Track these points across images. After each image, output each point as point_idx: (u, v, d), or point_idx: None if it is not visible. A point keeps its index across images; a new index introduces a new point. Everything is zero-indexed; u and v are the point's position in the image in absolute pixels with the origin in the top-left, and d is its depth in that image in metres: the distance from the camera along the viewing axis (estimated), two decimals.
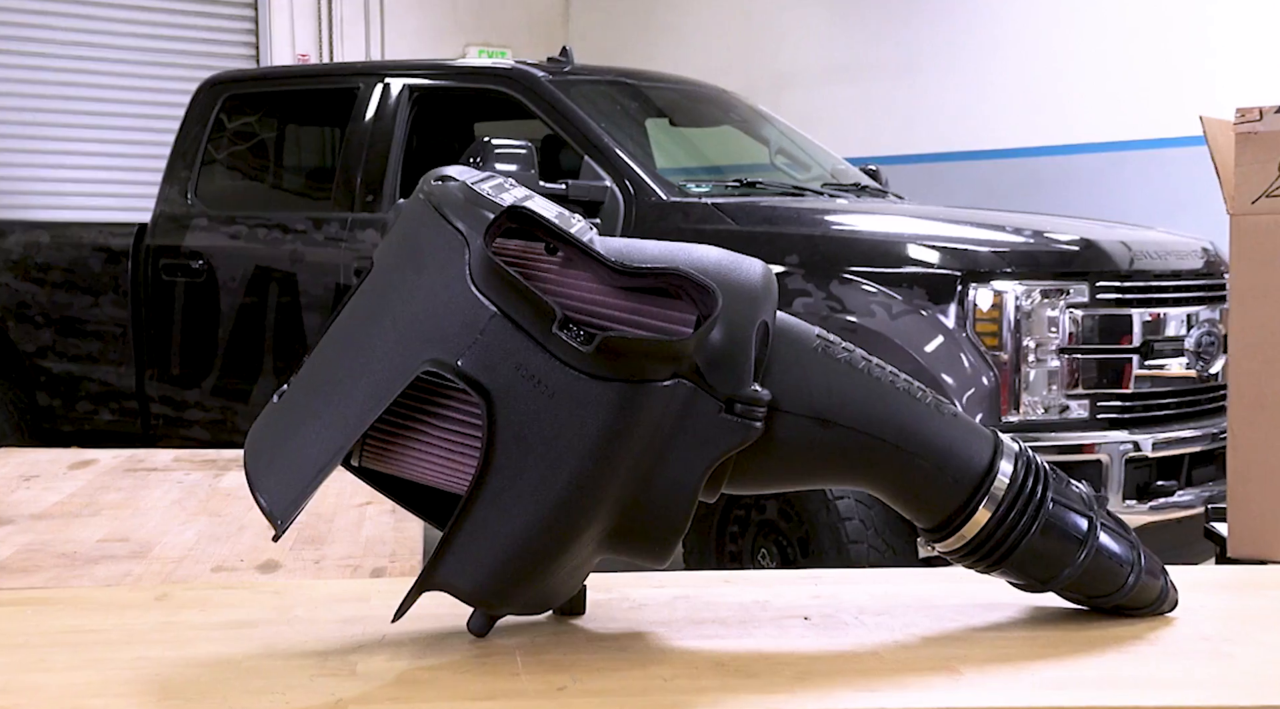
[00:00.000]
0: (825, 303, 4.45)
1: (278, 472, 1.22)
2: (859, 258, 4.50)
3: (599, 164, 4.93)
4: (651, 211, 4.83)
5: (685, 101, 6.05)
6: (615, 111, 5.43)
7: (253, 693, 1.10)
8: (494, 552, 1.19)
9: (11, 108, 8.39)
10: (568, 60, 5.56)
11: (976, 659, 1.21)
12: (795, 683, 1.15)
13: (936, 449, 1.28)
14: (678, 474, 1.22)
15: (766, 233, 4.66)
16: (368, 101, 5.56)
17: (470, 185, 1.21)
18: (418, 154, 5.64)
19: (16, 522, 1.94)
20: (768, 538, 4.56)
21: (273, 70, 6.63)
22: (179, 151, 6.01)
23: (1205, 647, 1.25)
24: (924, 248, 4.51)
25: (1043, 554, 1.29)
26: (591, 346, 1.14)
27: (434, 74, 5.63)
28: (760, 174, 5.79)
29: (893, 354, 4.43)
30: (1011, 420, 4.44)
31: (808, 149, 6.16)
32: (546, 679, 1.15)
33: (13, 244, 6.16)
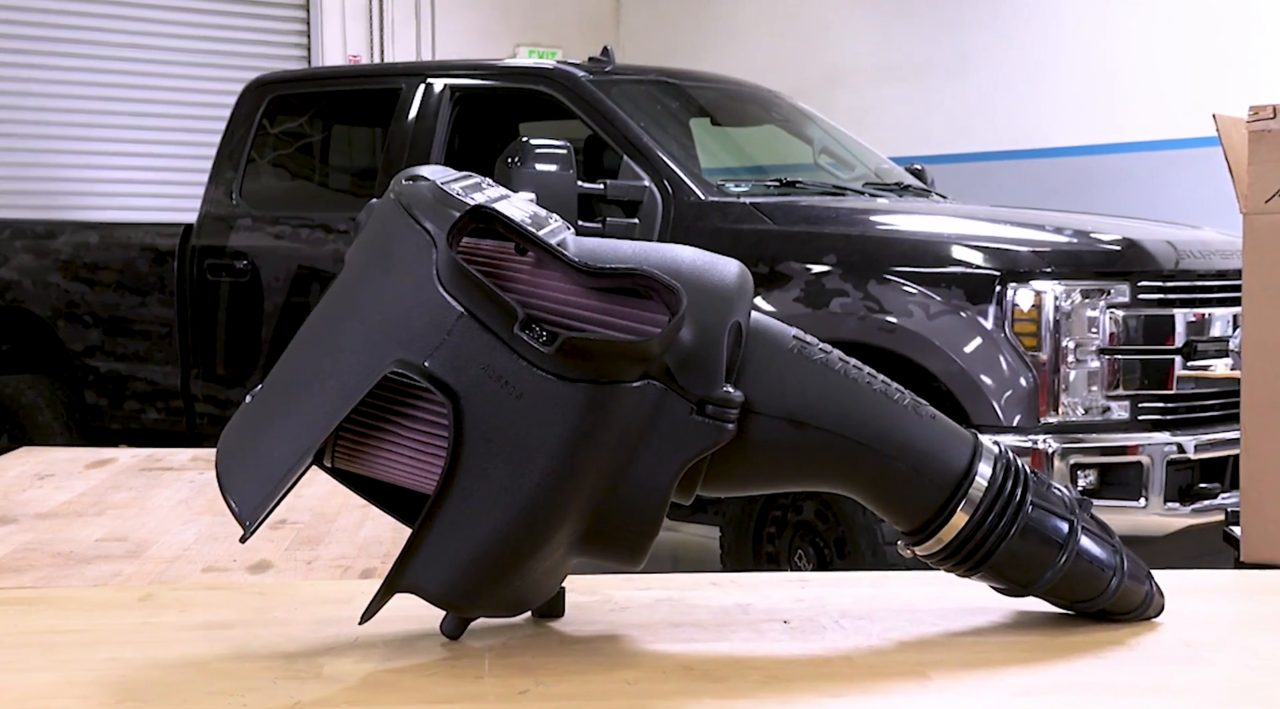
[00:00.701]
0: (863, 303, 4.42)
1: (248, 472, 1.22)
2: (897, 258, 4.47)
3: (638, 164, 4.92)
4: (690, 211, 4.82)
5: (728, 101, 6.03)
6: (656, 111, 5.42)
7: (213, 695, 1.10)
8: (462, 554, 1.18)
9: (65, 109, 8.46)
10: (609, 60, 5.55)
11: (949, 664, 1.20)
12: (760, 687, 1.14)
13: (913, 451, 1.26)
14: (649, 476, 1.21)
15: (805, 232, 4.64)
16: (410, 102, 5.57)
17: (440, 185, 1.20)
18: (460, 154, 5.65)
19: (20, 521, 1.96)
20: (804, 539, 4.55)
21: (317, 71, 6.67)
22: (224, 152, 6.04)
23: (1186, 653, 1.23)
24: (962, 248, 4.48)
25: (1022, 558, 1.27)
26: (553, 347, 1.13)
27: (475, 74, 5.64)
28: (803, 173, 5.77)
29: (931, 354, 4.41)
30: (1050, 421, 4.40)
31: (852, 148, 6.13)
32: (510, 683, 1.14)
33: (62, 245, 6.21)
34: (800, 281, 4.52)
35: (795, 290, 4.53)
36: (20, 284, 6.28)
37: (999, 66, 9.09)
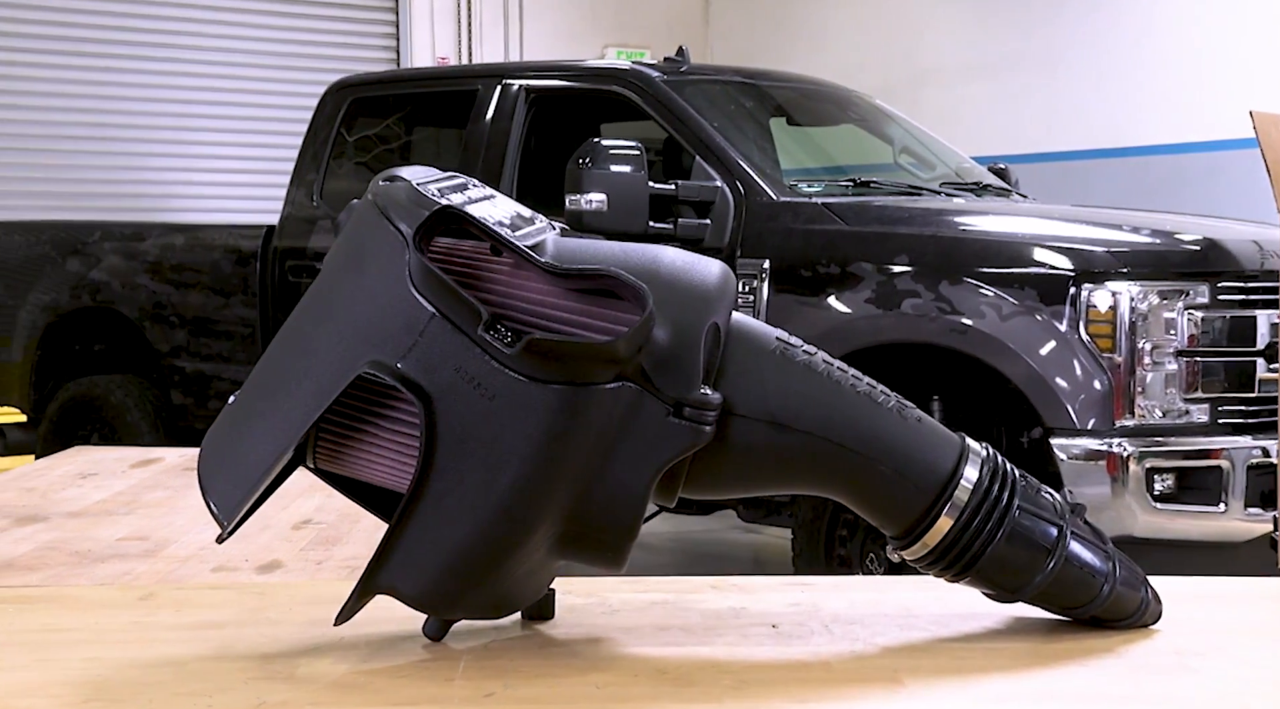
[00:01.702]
0: (935, 304, 4.38)
1: (227, 474, 1.23)
2: (970, 258, 4.42)
3: (710, 164, 4.91)
4: (762, 211, 4.79)
5: (805, 100, 6.00)
6: (730, 111, 5.40)
7: (182, 695, 1.11)
8: (437, 556, 1.18)
9: (157, 113, 8.59)
10: (684, 60, 5.54)
11: (926, 670, 1.18)
12: (729, 692, 1.13)
13: (896, 454, 1.25)
14: (625, 478, 1.20)
15: (877, 233, 4.60)
16: (487, 103, 5.60)
17: (415, 186, 1.20)
18: (536, 155, 5.67)
19: (50, 519, 1.99)
20: (876, 542, 4.51)
21: (396, 73, 6.71)
22: (306, 154, 6.10)
23: (1174, 661, 1.20)
24: (1037, 248, 4.42)
25: (1009, 563, 1.25)
26: (517, 348, 1.12)
27: (551, 75, 5.66)
28: (882, 173, 5.72)
29: (1004, 356, 4.35)
30: (1126, 424, 4.33)
31: (932, 147, 6.08)
32: (480, 685, 1.14)
33: (150, 246, 6.30)
34: (871, 282, 4.49)
35: (866, 291, 4.49)
36: (110, 285, 6.37)
37: (1090, 63, 8.97)
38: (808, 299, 4.61)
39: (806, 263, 4.63)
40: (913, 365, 4.69)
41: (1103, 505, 4.27)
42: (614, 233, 4.73)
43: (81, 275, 6.41)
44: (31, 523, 1.97)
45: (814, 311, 4.59)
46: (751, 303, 4.67)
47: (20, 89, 8.22)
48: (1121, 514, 4.26)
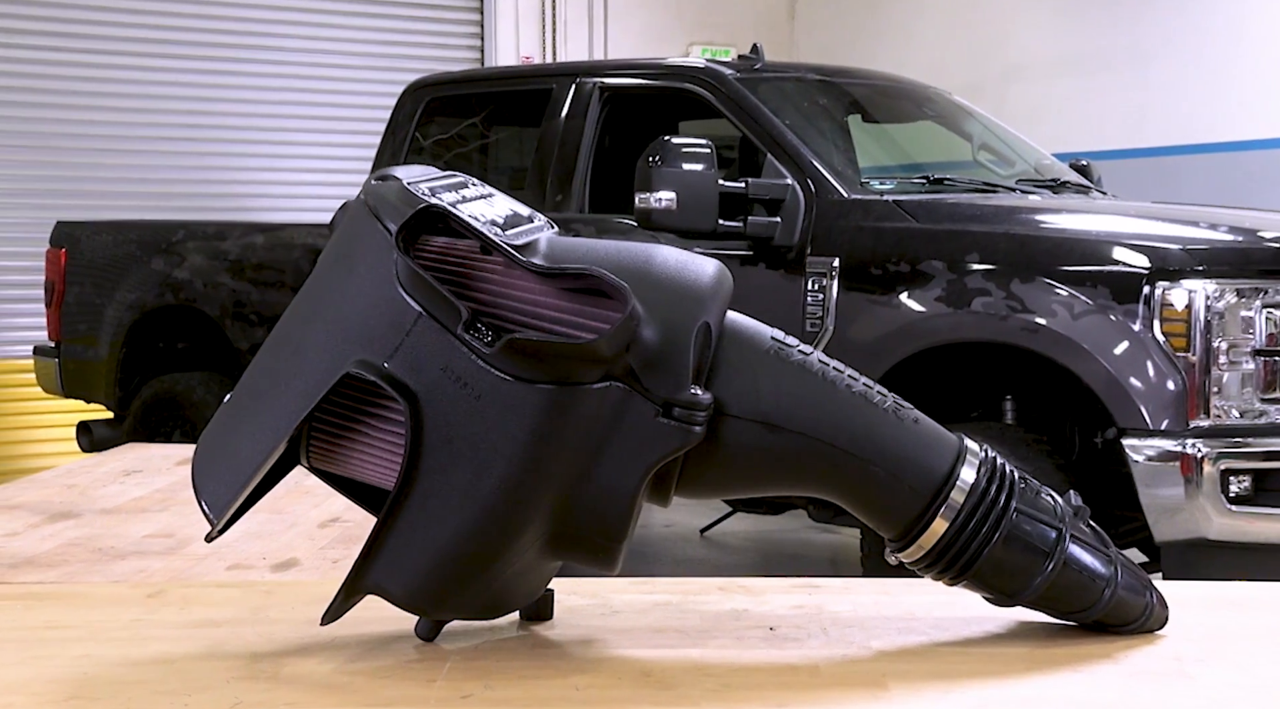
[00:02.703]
0: (1006, 303, 4.32)
1: (218, 473, 1.23)
2: (1042, 256, 4.35)
3: (781, 161, 4.88)
4: (832, 209, 4.76)
5: (881, 97, 5.94)
6: (804, 108, 5.37)
7: (161, 694, 1.11)
8: (424, 556, 1.18)
9: (243, 113, 8.66)
10: (758, 57, 5.51)
11: (914, 675, 1.16)
12: (709, 695, 1.12)
13: (891, 456, 1.23)
14: (614, 479, 1.19)
15: (948, 231, 4.55)
16: (561, 101, 5.60)
17: (406, 185, 1.20)
18: (610, 153, 5.67)
19: (82, 516, 2.01)
20: None
21: (473, 72, 6.73)
22: (384, 153, 6.13)
23: (1171, 668, 1.18)
24: (1110, 245, 4.34)
25: (1006, 566, 1.23)
26: (496, 348, 1.12)
27: (625, 73, 5.65)
28: (961, 170, 5.67)
29: (1075, 355, 4.29)
30: (1201, 425, 4.24)
31: (1012, 143, 6.00)
32: (459, 687, 1.14)
33: (231, 246, 6.36)
34: (942, 281, 4.44)
35: (937, 289, 4.44)
36: (193, 284, 6.44)
37: (1181, 57, 8.83)
38: (878, 297, 4.57)
39: (877, 261, 4.60)
40: (985, 365, 4.64)
41: (1177, 507, 4.20)
42: (683, 231, 4.73)
43: (165, 274, 6.48)
44: (63, 519, 2.00)
45: (884, 310, 4.55)
46: (821, 301, 4.64)
47: (109, 92, 8.34)
48: (1196, 517, 4.19)
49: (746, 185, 4.78)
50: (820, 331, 4.64)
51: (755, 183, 4.80)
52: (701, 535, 6.78)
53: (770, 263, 4.81)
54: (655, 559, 6.62)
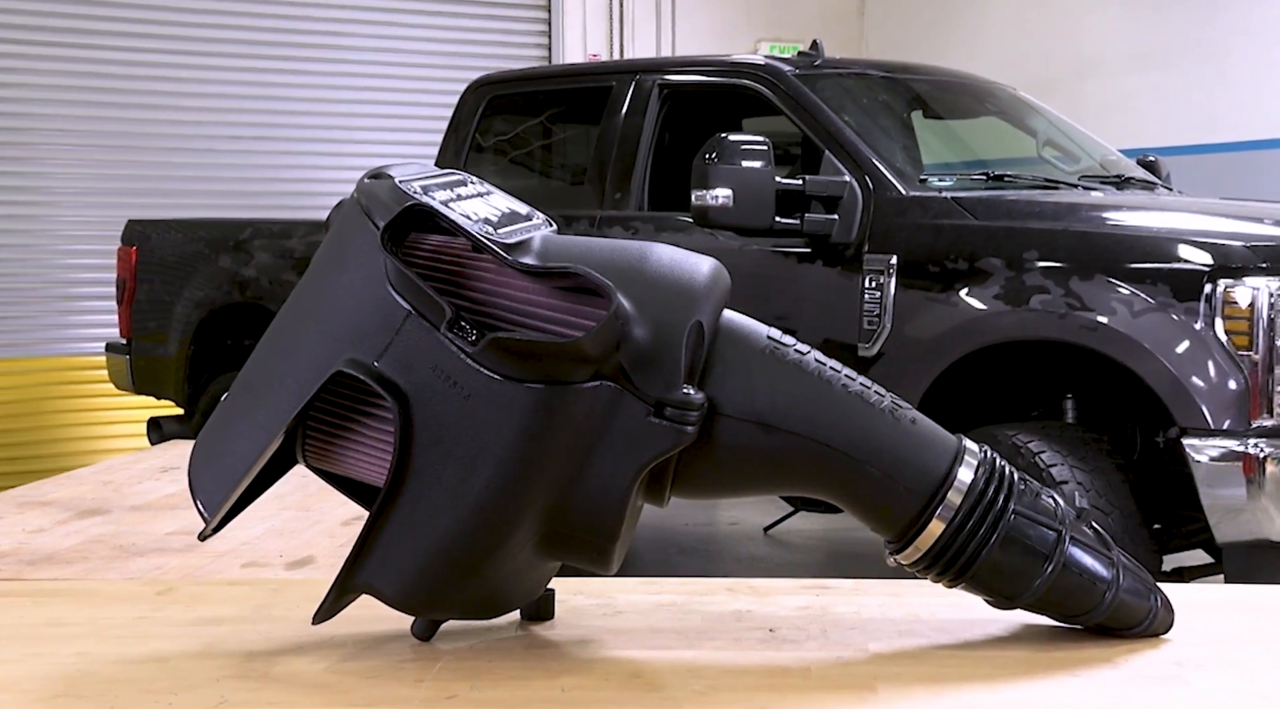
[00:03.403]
0: (1064, 300, 4.27)
1: (213, 471, 1.24)
2: (1101, 253, 4.30)
3: (839, 158, 4.85)
4: (890, 206, 4.72)
5: (943, 93, 5.89)
6: (863, 105, 5.33)
7: (148, 693, 1.12)
8: (416, 556, 1.18)
9: (309, 113, 8.72)
10: (818, 54, 5.47)
11: (906, 678, 1.15)
12: (694, 697, 1.11)
13: (887, 456, 1.21)
14: (605, 479, 1.18)
15: (1006, 228, 4.50)
16: (621, 99, 5.59)
17: (398, 183, 1.20)
18: (670, 151, 5.65)
19: (111, 512, 2.03)
20: None
21: (534, 70, 6.72)
22: (445, 152, 6.15)
23: (1169, 673, 1.16)
24: (1171, 242, 4.28)
25: (1005, 568, 1.22)
26: (479, 347, 1.12)
27: (684, 70, 5.64)
28: (1025, 166, 5.61)
29: (1135, 354, 4.23)
30: (1264, 424, 4.17)
31: (1077, 139, 5.93)
32: (446, 687, 1.14)
33: (296, 244, 6.40)
34: (1000, 278, 4.39)
35: (995, 287, 4.40)
36: (259, 281, 6.49)
37: (1256, 51, 8.70)
38: (935, 295, 4.53)
39: (934, 258, 4.56)
40: (1044, 364, 4.59)
41: (1239, 508, 4.14)
42: (740, 228, 4.71)
43: (233, 272, 6.54)
44: (91, 516, 2.01)
45: (941, 307, 4.51)
46: (878, 299, 4.61)
47: (180, 92, 8.42)
48: (1258, 517, 4.12)
49: (804, 182, 4.76)
50: (877, 329, 4.61)
51: (812, 180, 4.78)
52: (765, 533, 6.76)
53: (828, 260, 4.79)
54: (719, 557, 6.61)
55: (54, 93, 8.11)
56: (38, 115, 8.09)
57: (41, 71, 8.07)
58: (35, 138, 8.09)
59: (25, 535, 1.86)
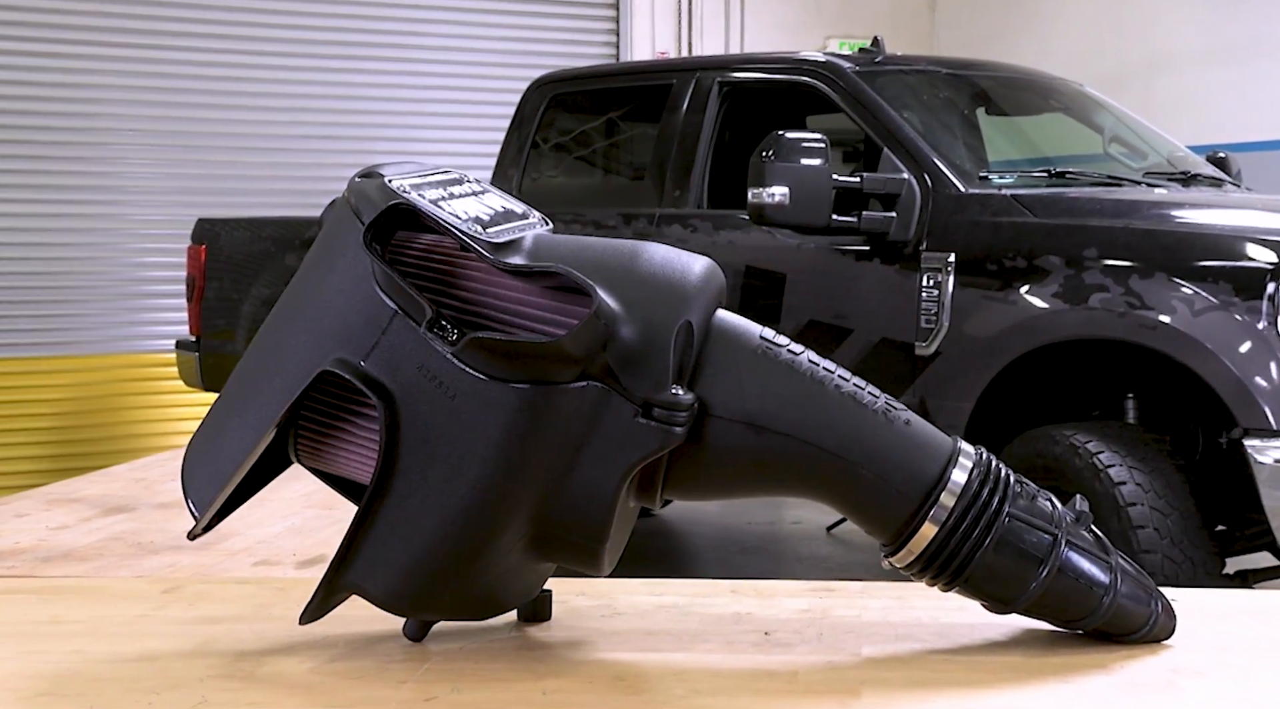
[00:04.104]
0: (1124, 299, 4.21)
1: (204, 469, 1.24)
2: (1161, 251, 4.23)
3: (898, 155, 4.81)
4: (949, 204, 4.68)
5: (1007, 89, 5.83)
6: (924, 102, 5.29)
7: (132, 692, 1.12)
8: (402, 556, 1.18)
9: (379, 111, 8.76)
10: (879, 50, 5.44)
11: (893, 683, 1.13)
12: (676, 701, 1.10)
13: (879, 458, 1.20)
14: (593, 479, 1.17)
15: (1065, 225, 4.45)
16: (681, 97, 5.58)
17: (386, 182, 1.19)
18: (730, 148, 5.63)
19: (136, 510, 2.04)
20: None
21: (595, 69, 6.71)
22: (507, 150, 6.16)
23: (1164, 679, 1.13)
24: (1233, 240, 4.21)
25: (999, 572, 1.20)
26: (458, 346, 1.11)
27: (744, 68, 5.61)
28: (1092, 163, 5.54)
29: (1196, 354, 4.17)
30: None
31: (1145, 135, 5.86)
32: (427, 688, 1.13)
33: None
34: (1059, 276, 4.34)
35: (1053, 285, 4.35)
36: None
37: None
38: (993, 293, 4.48)
39: (992, 256, 4.51)
40: (1105, 363, 4.54)
41: None
42: (796, 226, 4.69)
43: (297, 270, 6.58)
44: (116, 513, 2.03)
45: (1000, 306, 4.46)
46: (936, 297, 4.57)
47: (248, 91, 8.49)
48: None
49: (861, 180, 4.73)
50: (935, 328, 4.57)
51: (870, 177, 4.74)
52: (828, 533, 6.73)
53: (885, 258, 4.75)
54: (781, 556, 6.59)
55: (126, 93, 8.20)
56: (110, 115, 8.18)
57: (114, 72, 8.16)
58: (108, 138, 8.18)
59: (48, 532, 1.88)
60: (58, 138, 8.06)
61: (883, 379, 4.66)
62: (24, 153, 8.02)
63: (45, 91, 8.05)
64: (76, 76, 8.10)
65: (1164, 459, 4.20)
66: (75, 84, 8.10)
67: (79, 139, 8.12)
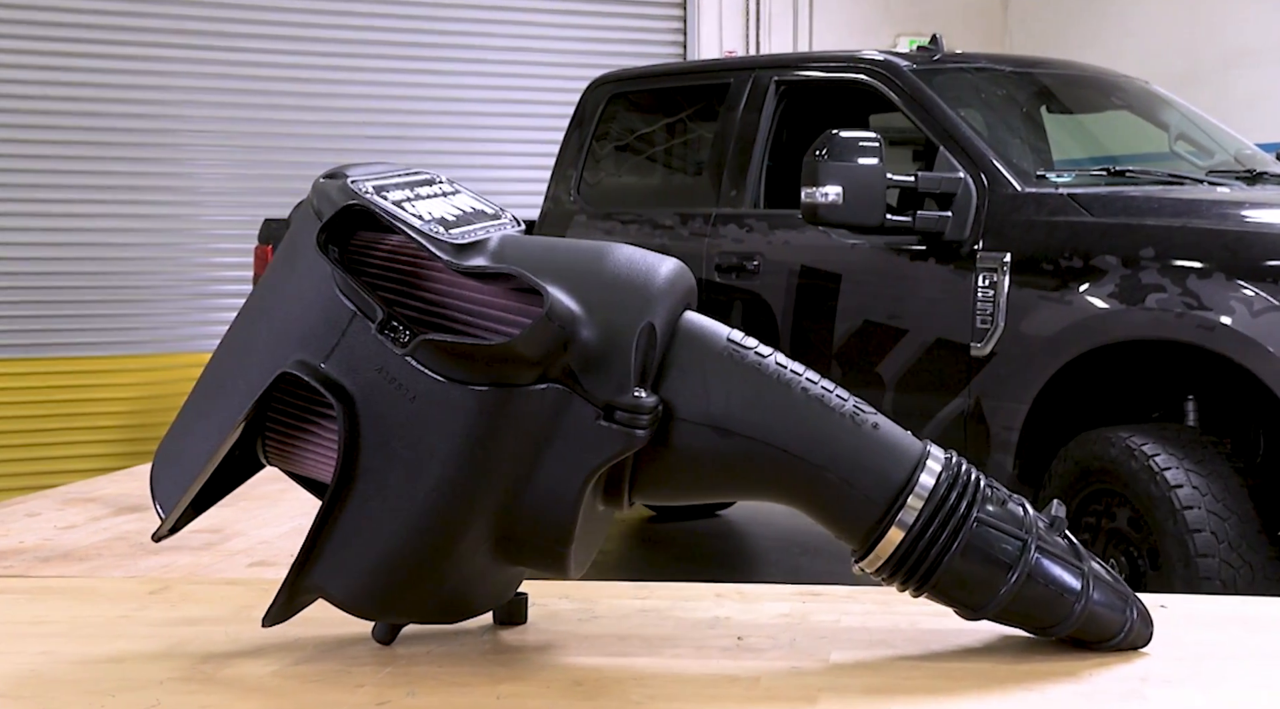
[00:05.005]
0: (1181, 299, 4.14)
1: (170, 472, 1.24)
2: (1220, 250, 4.16)
3: (954, 154, 4.77)
4: (1005, 203, 4.63)
5: (1069, 87, 5.77)
6: (982, 100, 5.24)
7: (89, 694, 1.12)
8: (365, 559, 1.17)
9: (445, 112, 8.79)
10: (937, 48, 5.40)
11: (852, 690, 1.11)
12: (630, 706, 1.09)
13: (844, 462, 1.18)
14: (556, 482, 1.16)
15: (1122, 225, 4.39)
16: (739, 96, 5.57)
17: (349, 183, 1.19)
18: (787, 148, 5.61)
19: (147, 510, 2.02)
20: (1118, 548, 4.31)
21: (653, 68, 6.71)
22: (567, 150, 6.18)
23: (1131, 688, 1.11)
24: None
25: (966, 577, 1.17)
26: (408, 349, 1.11)
27: (801, 67, 5.59)
28: (1156, 162, 5.47)
29: (1255, 355, 4.10)
30: None
31: (1212, 133, 5.77)
32: (383, 692, 1.13)
33: None
34: (1115, 276, 4.28)
35: (1109, 285, 4.29)
36: None
37: None
38: (1049, 293, 4.43)
39: (1048, 255, 4.46)
40: (1163, 364, 4.48)
41: None
42: (850, 225, 4.66)
43: None
44: (127, 513, 2.04)
45: (1055, 306, 4.41)
46: (991, 297, 4.53)
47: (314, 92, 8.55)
48: None
49: (916, 179, 4.69)
50: (991, 328, 4.52)
51: (925, 176, 4.70)
52: None
53: (941, 258, 4.71)
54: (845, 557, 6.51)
55: (196, 95, 8.29)
56: (180, 117, 8.28)
57: (183, 74, 8.25)
58: (178, 139, 8.28)
59: (55, 531, 1.89)
60: (129, 139, 8.17)
61: (938, 380, 4.66)
62: (96, 154, 8.12)
63: (118, 93, 8.15)
64: (148, 78, 8.20)
65: (1223, 462, 4.13)
66: (147, 87, 8.20)
67: (150, 141, 8.22)
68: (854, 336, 4.95)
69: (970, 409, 4.52)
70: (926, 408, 4.61)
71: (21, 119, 7.97)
